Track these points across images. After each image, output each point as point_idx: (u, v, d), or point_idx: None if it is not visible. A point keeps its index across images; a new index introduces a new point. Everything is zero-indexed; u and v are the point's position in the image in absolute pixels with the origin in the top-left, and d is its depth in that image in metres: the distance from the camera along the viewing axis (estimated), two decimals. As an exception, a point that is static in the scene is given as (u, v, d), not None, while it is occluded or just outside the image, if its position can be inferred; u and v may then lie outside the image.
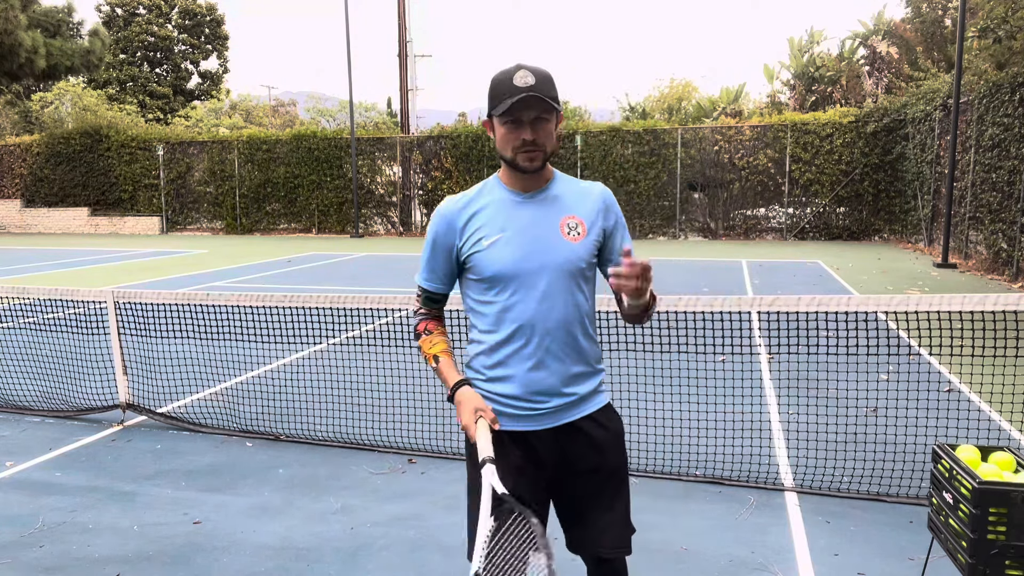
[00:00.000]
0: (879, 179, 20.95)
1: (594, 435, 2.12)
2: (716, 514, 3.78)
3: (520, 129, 1.98)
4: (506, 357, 2.06)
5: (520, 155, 2.00)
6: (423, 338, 2.18)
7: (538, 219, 2.06)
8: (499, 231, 2.04)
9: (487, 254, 2.04)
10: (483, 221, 2.06)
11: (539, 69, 1.98)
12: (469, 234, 2.07)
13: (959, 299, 3.74)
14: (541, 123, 1.98)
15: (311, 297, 4.89)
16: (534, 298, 2.03)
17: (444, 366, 2.12)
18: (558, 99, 2.00)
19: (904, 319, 4.52)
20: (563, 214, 2.08)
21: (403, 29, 28.32)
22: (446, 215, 2.10)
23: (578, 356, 2.09)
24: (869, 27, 29.15)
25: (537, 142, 1.99)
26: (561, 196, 2.11)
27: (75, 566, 3.37)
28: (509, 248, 2.03)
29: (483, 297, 2.09)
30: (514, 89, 1.94)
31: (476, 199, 2.10)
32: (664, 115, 34.51)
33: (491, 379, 2.09)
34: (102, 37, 28.33)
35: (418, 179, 25.46)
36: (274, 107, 59.36)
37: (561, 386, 2.07)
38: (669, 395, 4.88)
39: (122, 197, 28.00)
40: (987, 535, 2.36)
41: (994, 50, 13.66)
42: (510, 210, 2.07)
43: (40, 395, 5.82)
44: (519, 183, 2.09)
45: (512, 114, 1.96)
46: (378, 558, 3.40)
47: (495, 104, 1.98)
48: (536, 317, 2.03)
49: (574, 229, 2.07)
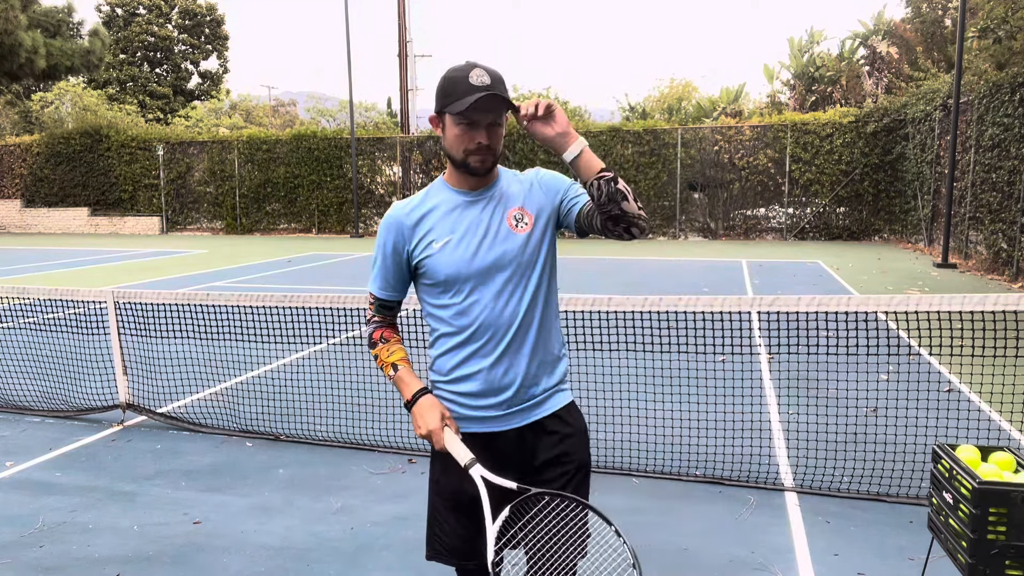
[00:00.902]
0: (879, 179, 20.95)
1: (560, 432, 2.12)
2: (716, 514, 3.78)
3: (475, 131, 1.96)
4: (467, 357, 2.06)
5: (472, 157, 1.99)
6: (379, 346, 2.17)
7: (486, 216, 2.05)
8: (449, 232, 2.04)
9: (438, 257, 2.03)
10: (432, 224, 2.06)
11: (492, 69, 1.96)
12: (419, 238, 2.06)
13: (959, 299, 3.74)
14: (495, 128, 1.98)
15: (311, 297, 4.89)
16: (490, 296, 2.03)
17: (404, 374, 2.11)
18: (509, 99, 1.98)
19: (904, 319, 4.52)
20: (509, 207, 2.08)
21: (403, 29, 28.32)
22: (394, 221, 2.09)
23: (539, 349, 2.09)
24: (869, 27, 29.15)
25: (491, 146, 1.99)
26: (506, 191, 2.10)
27: (75, 566, 3.37)
28: (460, 249, 2.02)
29: (439, 300, 2.08)
30: (471, 88, 1.90)
31: (423, 203, 2.09)
32: (664, 115, 34.49)
33: (453, 379, 2.10)
34: (102, 37, 28.34)
35: (418, 179, 25.46)
36: (274, 107, 59.37)
37: (523, 381, 2.07)
38: (669, 395, 4.88)
39: (122, 197, 28.00)
40: (987, 535, 2.36)
41: (994, 50, 13.66)
42: (458, 211, 2.06)
43: (40, 395, 5.82)
44: (466, 183, 2.08)
45: (469, 116, 1.93)
46: (378, 558, 3.40)
47: (449, 101, 1.94)
48: (493, 315, 2.03)
49: (521, 220, 2.07)
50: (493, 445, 2.08)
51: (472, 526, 2.07)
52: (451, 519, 2.12)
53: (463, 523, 2.10)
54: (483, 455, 2.03)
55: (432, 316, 2.12)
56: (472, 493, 1.98)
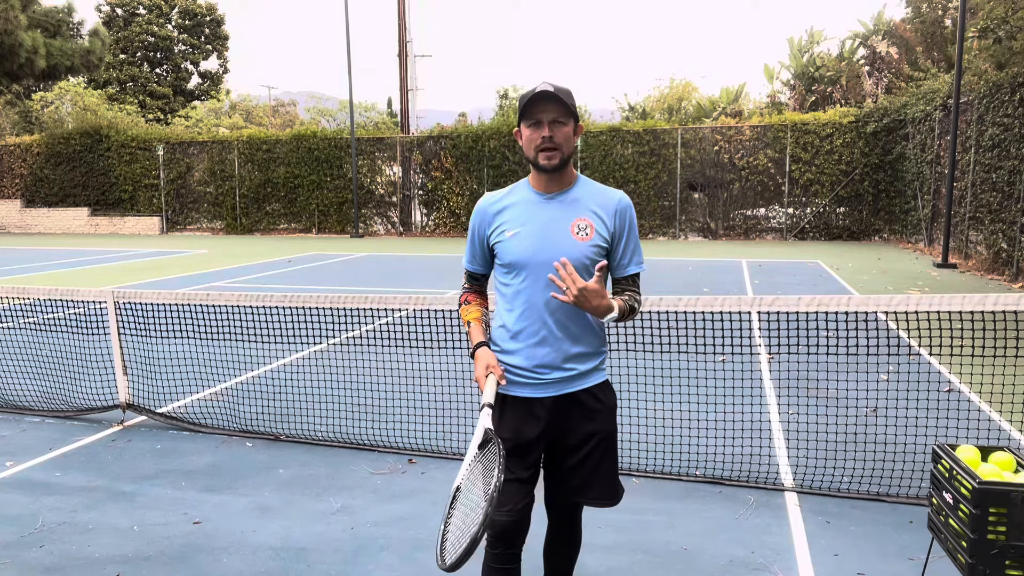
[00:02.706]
0: (879, 179, 20.95)
1: (590, 406, 2.43)
2: (716, 514, 3.78)
3: (540, 129, 2.29)
4: (517, 332, 2.40)
5: (540, 154, 2.30)
6: (463, 307, 2.56)
7: (553, 218, 2.36)
8: (520, 225, 2.37)
9: (507, 244, 2.38)
10: (509, 216, 2.40)
11: (560, 84, 2.31)
12: (496, 225, 2.41)
13: (959, 299, 3.73)
14: (558, 125, 2.29)
15: (311, 297, 4.89)
16: (541, 286, 2.33)
17: (473, 330, 2.48)
18: (575, 107, 2.31)
19: (904, 319, 4.52)
20: (576, 215, 2.37)
21: (403, 29, 28.32)
22: (481, 209, 2.47)
23: (577, 338, 2.40)
24: (869, 27, 29.15)
25: (555, 140, 2.29)
26: (580, 199, 2.39)
27: (75, 566, 3.37)
28: (525, 241, 2.35)
29: (504, 279, 2.44)
30: (534, 93, 2.27)
31: (506, 197, 2.45)
32: (664, 115, 34.50)
33: (504, 351, 2.44)
34: (102, 37, 28.33)
35: (418, 179, 25.46)
36: (274, 107, 59.34)
37: (561, 362, 2.38)
38: (669, 395, 4.88)
39: (122, 197, 28.00)
40: (987, 535, 2.36)
41: (994, 50, 13.66)
42: (532, 208, 2.39)
43: (40, 395, 5.82)
44: (542, 184, 2.40)
45: (532, 115, 2.28)
46: (378, 558, 3.40)
47: (520, 110, 2.31)
48: (541, 302, 2.35)
49: (583, 230, 2.35)
50: (531, 408, 2.40)
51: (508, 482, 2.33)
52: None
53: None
54: (523, 413, 2.39)
55: (498, 292, 2.49)
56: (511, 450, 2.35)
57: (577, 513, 2.66)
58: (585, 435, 2.43)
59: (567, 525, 2.65)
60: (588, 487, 2.48)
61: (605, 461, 2.48)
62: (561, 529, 2.66)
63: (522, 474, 2.40)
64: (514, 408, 2.40)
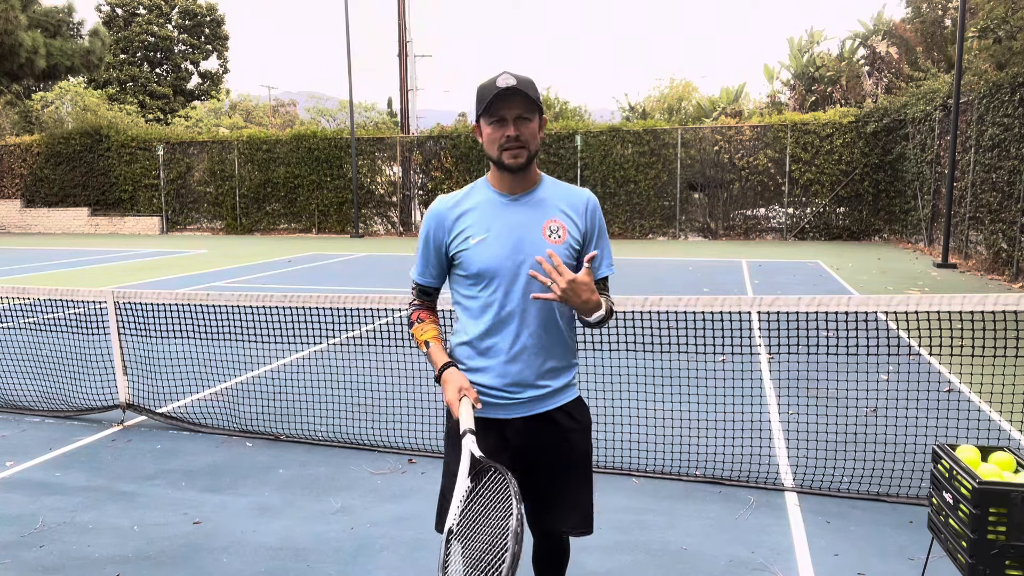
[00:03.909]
0: (879, 179, 20.95)
1: (564, 425, 2.27)
2: (716, 514, 3.78)
3: (504, 127, 2.09)
4: (486, 349, 2.21)
5: (505, 153, 2.11)
6: (415, 326, 2.31)
7: (522, 221, 2.17)
8: (485, 231, 2.16)
9: (473, 252, 2.16)
10: (471, 221, 2.18)
11: (521, 75, 2.10)
12: (457, 232, 2.19)
13: (959, 299, 3.73)
14: (524, 122, 2.10)
15: (311, 297, 4.89)
16: (516, 296, 2.16)
17: (433, 350, 2.24)
18: (539, 101, 2.11)
19: (904, 319, 4.52)
20: (546, 217, 2.19)
21: (403, 29, 28.32)
22: (437, 214, 2.23)
23: (553, 351, 2.23)
24: (869, 27, 29.15)
25: (521, 138, 2.10)
26: (546, 200, 2.22)
27: (75, 566, 3.37)
28: (493, 247, 2.15)
29: (468, 292, 2.22)
30: (496, 89, 2.06)
31: (465, 199, 2.23)
32: (664, 115, 34.51)
33: (471, 369, 2.23)
34: (102, 37, 28.34)
35: (418, 179, 25.47)
36: (274, 107, 59.35)
37: (535, 379, 2.21)
38: (669, 395, 4.88)
39: (122, 197, 27.99)
40: (987, 535, 2.36)
41: (994, 50, 13.66)
42: (496, 211, 2.18)
43: (40, 395, 5.82)
44: (506, 184, 2.20)
45: (496, 113, 2.08)
46: (378, 558, 3.40)
47: (480, 106, 2.11)
48: (515, 313, 2.17)
49: (555, 232, 2.18)
50: (502, 430, 2.23)
51: None
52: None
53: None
54: (493, 438, 2.19)
55: (460, 306, 2.27)
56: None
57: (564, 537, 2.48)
58: (559, 456, 2.27)
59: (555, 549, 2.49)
60: (566, 515, 2.30)
61: (582, 487, 2.31)
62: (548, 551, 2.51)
63: None
64: (483, 432, 2.16)
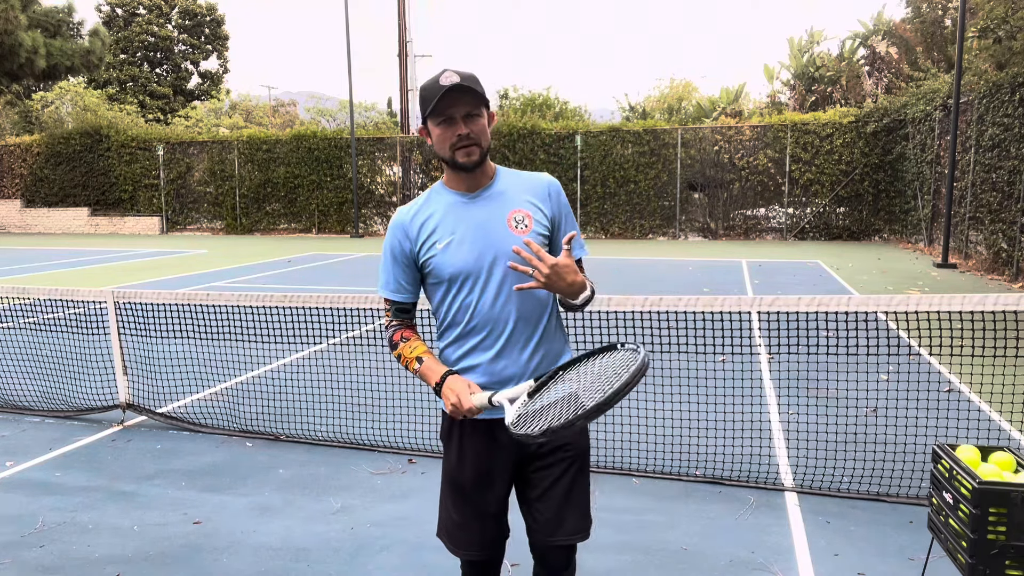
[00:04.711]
0: (879, 179, 20.95)
1: None
2: (716, 514, 3.78)
3: (453, 126, 2.05)
4: (470, 349, 2.16)
5: (458, 152, 2.07)
6: (401, 346, 2.21)
7: (486, 217, 2.13)
8: (451, 234, 2.12)
9: (442, 257, 2.12)
10: (434, 225, 2.14)
11: (464, 71, 2.06)
12: (423, 240, 2.15)
13: (959, 299, 3.74)
14: (473, 119, 2.06)
15: (311, 297, 4.89)
16: (491, 293, 2.12)
17: (428, 363, 2.15)
18: (485, 95, 2.06)
19: (904, 319, 4.52)
20: (509, 209, 2.15)
21: (403, 29, 28.32)
22: (399, 225, 2.18)
23: (538, 345, 2.17)
24: (869, 27, 29.15)
25: (472, 136, 2.06)
26: (506, 191, 2.18)
27: (75, 566, 3.37)
28: (462, 249, 2.11)
29: (444, 297, 2.18)
30: (441, 88, 2.01)
31: (425, 206, 2.18)
32: (664, 115, 34.51)
33: (457, 371, 2.17)
34: (102, 37, 28.34)
35: (418, 179, 25.46)
36: (274, 107, 59.33)
37: (522, 375, 2.14)
38: (669, 395, 4.88)
39: (122, 197, 27.99)
40: (987, 535, 2.36)
41: (994, 50, 13.66)
42: (458, 212, 2.15)
43: (40, 395, 5.82)
44: (463, 184, 2.16)
45: (443, 112, 2.03)
46: (378, 558, 3.40)
47: (425, 107, 2.05)
48: (493, 311, 2.12)
49: (521, 223, 2.14)
50: (492, 432, 2.17)
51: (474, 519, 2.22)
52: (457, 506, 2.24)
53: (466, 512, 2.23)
54: (484, 442, 2.17)
55: (438, 311, 2.22)
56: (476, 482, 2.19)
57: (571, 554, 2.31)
58: (555, 457, 2.19)
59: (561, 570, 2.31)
60: (562, 521, 2.20)
61: (577, 487, 2.23)
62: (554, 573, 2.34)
63: (490, 508, 2.21)
64: (473, 435, 2.16)
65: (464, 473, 2.20)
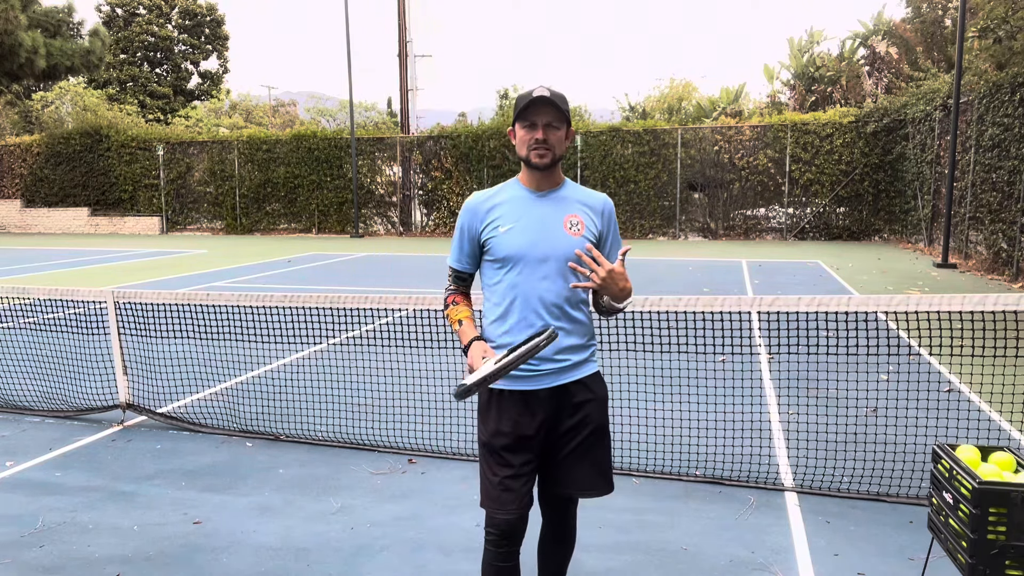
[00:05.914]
0: (879, 179, 20.94)
1: (582, 396, 2.51)
2: (716, 514, 3.78)
3: (534, 131, 2.40)
4: (510, 326, 2.46)
5: (532, 153, 2.41)
6: (450, 308, 2.59)
7: (546, 214, 2.46)
8: (513, 221, 2.45)
9: (502, 239, 2.45)
10: (501, 212, 2.48)
11: (556, 90, 2.42)
12: (489, 222, 2.48)
13: (959, 299, 3.74)
14: (552, 129, 2.41)
15: (311, 297, 4.89)
16: (536, 278, 2.42)
17: (465, 327, 2.52)
18: (568, 113, 2.42)
19: (904, 319, 4.52)
20: (567, 212, 2.48)
21: (403, 29, 28.32)
22: (472, 207, 2.53)
23: (570, 330, 2.47)
24: (869, 27, 29.15)
25: (548, 142, 2.40)
26: (568, 198, 2.51)
27: (75, 566, 3.37)
28: (521, 236, 2.43)
29: (496, 275, 2.49)
30: (531, 97, 2.39)
31: (497, 195, 2.53)
32: (664, 115, 34.50)
33: (498, 345, 2.47)
34: (102, 37, 28.31)
35: (418, 179, 25.46)
36: (274, 107, 59.33)
37: (553, 353, 2.44)
38: (669, 395, 4.88)
39: (122, 197, 27.99)
40: (987, 535, 2.36)
41: (994, 50, 13.65)
42: (524, 205, 2.48)
43: (40, 395, 5.82)
44: (533, 182, 2.49)
45: (528, 117, 2.39)
46: (378, 558, 3.40)
47: (516, 111, 2.42)
48: (535, 294, 2.43)
49: (575, 226, 2.46)
50: (527, 402, 2.46)
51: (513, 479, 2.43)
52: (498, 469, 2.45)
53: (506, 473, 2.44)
54: (519, 409, 2.45)
55: (488, 287, 2.54)
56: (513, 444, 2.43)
57: (572, 509, 2.70)
58: (577, 425, 2.50)
59: (561, 522, 2.69)
60: (581, 478, 2.53)
61: (597, 451, 2.54)
62: (555, 527, 2.70)
63: (523, 469, 2.45)
64: (511, 402, 2.45)
65: (503, 438, 2.43)
